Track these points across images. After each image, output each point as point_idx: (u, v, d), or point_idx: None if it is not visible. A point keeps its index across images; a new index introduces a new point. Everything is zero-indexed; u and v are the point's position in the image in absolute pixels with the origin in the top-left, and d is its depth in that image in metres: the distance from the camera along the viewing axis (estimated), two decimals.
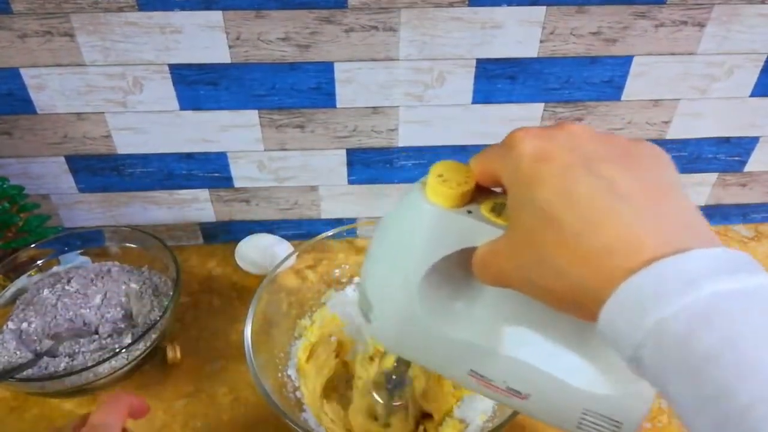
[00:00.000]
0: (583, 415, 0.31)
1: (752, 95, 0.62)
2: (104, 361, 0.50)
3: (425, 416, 0.52)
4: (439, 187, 0.28)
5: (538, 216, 0.24)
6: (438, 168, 0.29)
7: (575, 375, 0.31)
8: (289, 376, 0.52)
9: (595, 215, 0.23)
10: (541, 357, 0.31)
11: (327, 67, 0.57)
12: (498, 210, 0.28)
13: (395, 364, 0.45)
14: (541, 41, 0.56)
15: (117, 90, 0.58)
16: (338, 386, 0.55)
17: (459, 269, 0.30)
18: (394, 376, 0.47)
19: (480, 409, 0.51)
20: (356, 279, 0.61)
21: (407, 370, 0.46)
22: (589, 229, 0.22)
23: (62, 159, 0.63)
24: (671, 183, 0.24)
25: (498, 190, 0.30)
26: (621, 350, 0.22)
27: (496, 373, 0.33)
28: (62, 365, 0.52)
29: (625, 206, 0.22)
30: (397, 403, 0.49)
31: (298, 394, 0.51)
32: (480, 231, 0.28)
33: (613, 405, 0.30)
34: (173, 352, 0.57)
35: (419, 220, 0.30)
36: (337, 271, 0.60)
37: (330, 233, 0.57)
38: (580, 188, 0.23)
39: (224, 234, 0.72)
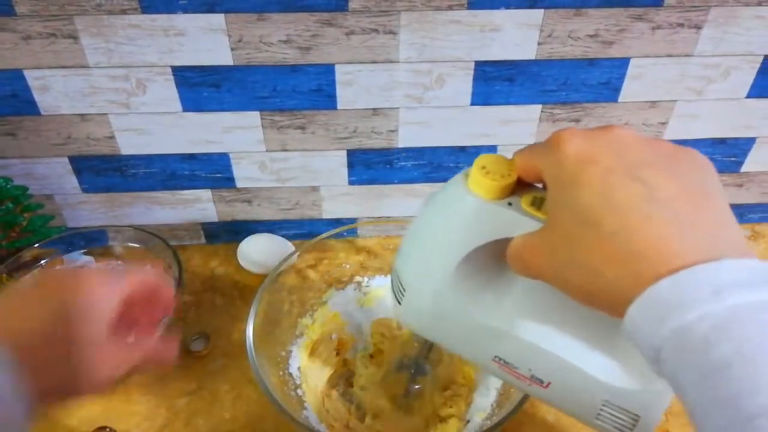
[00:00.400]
0: (602, 406, 0.32)
1: (748, 96, 0.63)
2: None
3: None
4: (482, 179, 0.29)
5: (578, 216, 0.25)
6: (482, 160, 0.30)
7: (598, 367, 0.32)
8: (290, 374, 0.53)
9: (633, 220, 0.23)
10: (565, 348, 0.32)
11: (328, 69, 0.58)
12: (537, 204, 0.29)
13: (418, 348, 0.45)
14: (538, 44, 0.57)
15: (120, 91, 0.58)
16: (339, 384, 0.55)
17: (494, 259, 0.31)
18: (416, 361, 0.47)
19: (479, 407, 0.51)
20: (357, 278, 0.62)
21: (428, 356, 0.47)
22: (626, 233, 0.23)
23: (66, 159, 0.64)
24: (711, 190, 0.25)
25: (539, 185, 0.31)
26: (643, 350, 0.23)
27: (520, 360, 0.34)
28: None
29: (662, 212, 0.23)
30: (417, 386, 0.50)
31: (299, 391, 0.52)
32: (519, 223, 0.29)
33: (633, 399, 0.31)
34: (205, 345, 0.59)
35: (460, 209, 0.31)
36: (338, 270, 0.61)
37: (331, 233, 0.58)
38: (621, 192, 0.24)
39: (226, 234, 0.72)
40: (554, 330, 0.33)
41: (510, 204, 0.29)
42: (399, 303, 0.35)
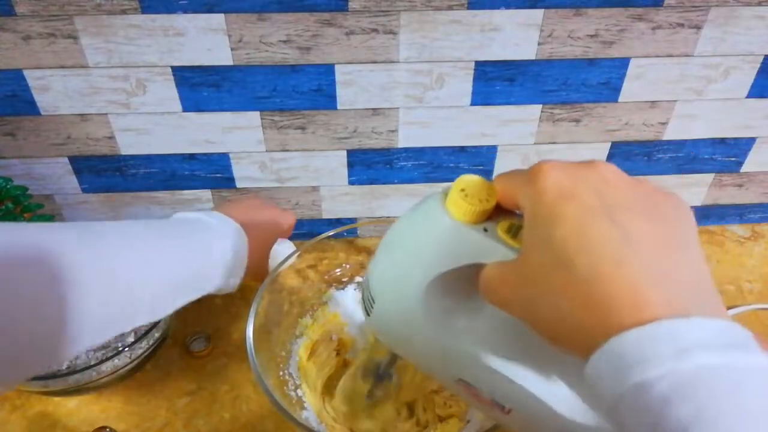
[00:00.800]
0: None
1: (748, 96, 0.63)
2: (107, 359, 0.50)
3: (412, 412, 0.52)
4: (460, 202, 0.29)
5: (550, 253, 0.24)
6: (462, 182, 0.29)
7: (559, 400, 0.32)
8: (290, 375, 0.53)
9: (605, 263, 0.22)
10: (529, 378, 0.32)
11: (328, 69, 0.58)
12: (514, 232, 0.29)
13: (386, 355, 0.45)
14: (539, 44, 0.57)
15: (120, 91, 0.58)
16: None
17: (466, 282, 0.30)
18: (382, 367, 0.47)
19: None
20: (357, 278, 0.61)
21: (394, 365, 0.47)
22: (597, 277, 0.22)
23: (66, 160, 0.64)
24: (689, 240, 0.24)
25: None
26: (602, 398, 0.22)
27: (484, 384, 0.33)
28: (65, 364, 0.53)
29: (636, 260, 0.22)
30: (378, 393, 0.50)
31: (299, 392, 0.52)
32: (493, 250, 0.28)
33: None
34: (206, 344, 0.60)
35: (435, 230, 0.30)
36: (338, 270, 0.61)
37: (331, 233, 0.58)
38: (596, 233, 0.23)
39: None
40: (519, 359, 0.32)
41: (486, 230, 0.29)
42: (368, 314, 0.35)
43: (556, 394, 0.32)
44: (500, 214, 0.29)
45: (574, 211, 0.24)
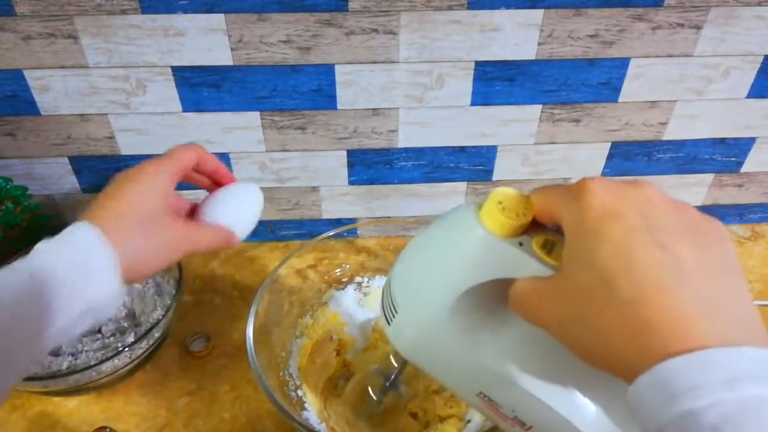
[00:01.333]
0: None
1: (748, 96, 0.63)
2: (107, 359, 0.50)
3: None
4: (497, 215, 0.28)
5: (593, 273, 0.23)
6: (498, 195, 0.29)
7: (583, 420, 0.31)
8: (290, 375, 0.53)
9: (650, 288, 0.22)
10: (553, 395, 0.31)
11: (328, 70, 0.58)
12: (549, 247, 0.28)
13: (396, 366, 0.45)
14: (539, 44, 0.57)
15: (120, 92, 0.58)
16: (339, 385, 0.55)
17: (493, 296, 0.30)
18: (392, 376, 0.47)
19: None
20: (357, 278, 0.62)
21: (402, 374, 0.46)
22: (641, 301, 0.22)
23: (66, 160, 0.64)
24: (733, 267, 0.24)
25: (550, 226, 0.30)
26: (643, 424, 0.22)
27: (506, 400, 0.33)
28: (65, 364, 0.53)
29: (682, 285, 0.22)
30: (387, 401, 0.49)
31: (299, 392, 0.52)
32: (527, 265, 0.28)
33: None
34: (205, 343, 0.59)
35: (469, 243, 0.29)
36: (338, 270, 0.61)
37: (331, 233, 0.58)
38: (641, 256, 0.23)
39: None
40: (545, 376, 0.32)
41: (521, 244, 0.28)
42: (388, 323, 0.34)
43: (580, 412, 0.31)
44: (534, 229, 0.29)
45: (619, 231, 0.23)
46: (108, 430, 0.51)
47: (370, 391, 0.48)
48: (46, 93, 0.58)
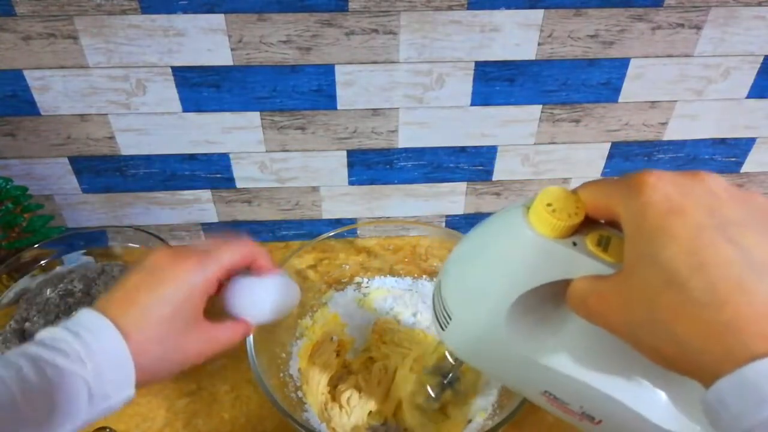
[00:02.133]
0: None
1: (748, 97, 0.63)
2: None
3: None
4: (548, 217, 0.27)
5: (661, 274, 0.22)
6: (547, 196, 0.28)
7: (653, 409, 0.31)
8: (291, 376, 0.53)
9: (726, 287, 0.21)
10: (619, 388, 0.31)
11: (328, 70, 0.58)
12: (604, 244, 0.27)
13: (452, 363, 0.44)
14: (539, 44, 0.57)
15: (120, 92, 0.58)
16: (339, 386, 0.55)
17: (550, 296, 0.30)
18: (449, 376, 0.46)
19: (480, 406, 0.51)
20: (357, 278, 0.62)
21: (458, 371, 0.46)
22: (717, 301, 0.21)
23: (66, 160, 0.64)
24: None
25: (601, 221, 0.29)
26: (725, 427, 0.21)
27: (573, 397, 0.32)
28: None
29: (760, 282, 0.21)
30: (447, 400, 0.49)
31: (299, 393, 0.52)
32: (583, 264, 0.27)
33: None
34: None
35: (521, 246, 0.29)
36: (338, 270, 0.61)
37: (331, 233, 0.58)
38: (712, 254, 0.22)
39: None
40: (610, 370, 0.31)
41: (575, 244, 0.28)
42: (442, 329, 0.34)
43: (647, 403, 0.31)
44: (586, 227, 0.28)
45: (686, 228, 0.22)
46: (108, 430, 0.51)
47: (429, 390, 0.48)
48: (46, 93, 0.58)
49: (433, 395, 0.48)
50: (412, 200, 0.70)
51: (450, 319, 0.33)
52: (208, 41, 0.55)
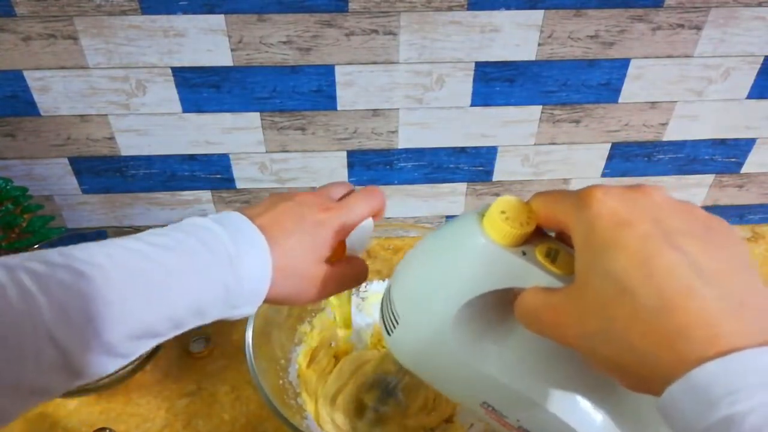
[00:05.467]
0: None
1: (749, 97, 0.63)
2: None
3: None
4: (501, 224, 0.28)
5: (612, 284, 0.23)
6: (501, 204, 0.29)
7: (589, 428, 0.31)
8: (290, 382, 0.53)
9: (674, 293, 0.22)
10: (559, 404, 0.31)
11: (328, 70, 0.58)
12: (552, 256, 0.28)
13: (395, 374, 0.44)
14: (539, 44, 0.57)
15: (120, 92, 0.58)
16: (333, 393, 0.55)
17: (496, 306, 0.30)
18: (391, 384, 0.46)
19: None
20: None
21: (400, 384, 0.46)
22: (667, 307, 0.22)
23: (65, 160, 0.63)
24: (748, 264, 0.24)
25: (550, 233, 0.30)
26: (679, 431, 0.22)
27: (510, 410, 0.33)
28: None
29: (705, 287, 0.22)
30: (383, 409, 0.49)
31: (299, 400, 0.52)
32: (531, 274, 0.28)
33: None
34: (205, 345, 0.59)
35: (472, 252, 0.29)
36: None
37: None
38: (660, 261, 0.22)
39: None
40: (551, 385, 0.32)
41: (524, 253, 0.28)
42: (389, 334, 0.34)
43: (585, 420, 0.31)
44: (535, 238, 0.29)
45: (634, 239, 0.23)
46: (108, 431, 0.51)
47: (369, 402, 0.48)
48: (46, 94, 0.58)
49: (372, 407, 0.48)
50: (412, 201, 0.70)
51: (397, 323, 0.33)
52: (208, 42, 0.55)
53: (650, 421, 0.25)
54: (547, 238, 0.29)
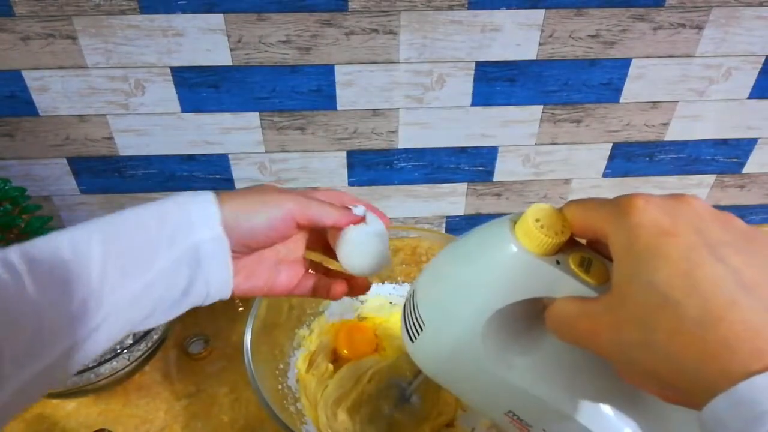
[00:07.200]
0: None
1: (750, 97, 0.63)
2: (105, 361, 0.50)
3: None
4: (535, 233, 0.27)
5: (655, 295, 0.23)
6: (535, 212, 0.28)
7: None
8: (289, 387, 0.52)
9: (719, 305, 0.22)
10: (588, 416, 0.31)
11: (328, 70, 0.58)
12: (586, 266, 0.28)
13: (411, 379, 0.43)
14: (540, 44, 0.57)
15: (119, 92, 0.58)
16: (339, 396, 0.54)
17: (526, 314, 0.30)
18: (408, 390, 0.45)
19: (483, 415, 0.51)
20: None
21: (416, 389, 0.45)
22: (711, 320, 0.21)
23: (64, 161, 0.63)
24: None
25: (582, 241, 0.29)
26: None
27: (536, 420, 0.32)
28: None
29: (750, 299, 0.22)
30: (398, 416, 0.48)
31: (299, 405, 0.52)
32: (564, 284, 0.27)
33: None
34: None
35: (504, 260, 0.29)
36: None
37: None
38: (704, 273, 0.22)
39: None
40: (579, 395, 0.31)
41: (558, 262, 0.28)
42: (412, 340, 0.33)
43: (612, 431, 0.31)
44: (568, 246, 0.28)
45: (678, 250, 0.23)
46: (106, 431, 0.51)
47: (385, 408, 0.47)
48: (44, 93, 0.58)
49: (387, 411, 0.47)
50: (412, 201, 0.70)
51: (422, 329, 0.32)
52: (207, 41, 0.55)
53: None
54: (580, 246, 0.29)
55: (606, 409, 0.31)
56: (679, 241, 0.23)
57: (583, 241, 0.30)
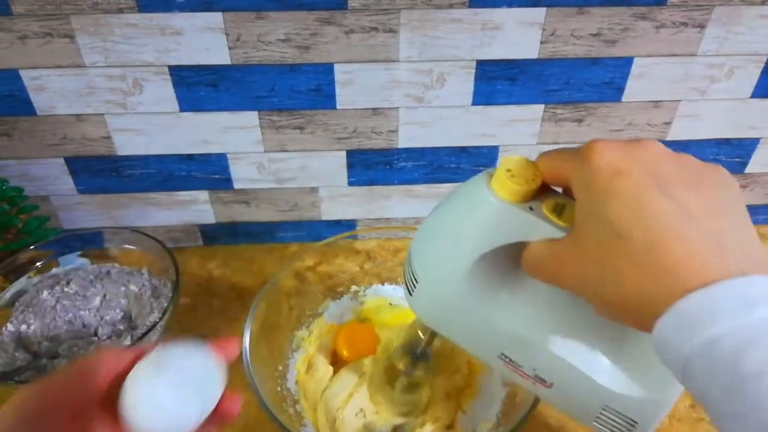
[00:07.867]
0: (602, 410, 0.33)
1: (753, 96, 0.62)
2: None
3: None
4: (507, 182, 0.30)
5: (608, 228, 0.25)
6: (507, 163, 0.30)
7: (602, 372, 0.33)
8: (288, 389, 0.52)
9: (664, 235, 0.24)
10: (571, 351, 0.33)
11: (327, 69, 0.57)
12: (558, 210, 0.30)
13: (422, 336, 0.45)
14: (541, 42, 0.56)
15: (117, 91, 0.58)
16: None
17: (508, 259, 0.32)
18: (419, 348, 0.46)
19: (484, 417, 0.50)
20: (353, 287, 0.61)
21: (431, 345, 0.46)
22: (657, 248, 0.24)
23: (62, 160, 0.63)
24: (737, 209, 0.26)
25: (558, 189, 0.31)
26: (671, 362, 0.23)
27: (526, 360, 0.34)
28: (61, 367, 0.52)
29: (693, 229, 0.24)
30: (416, 374, 0.49)
31: (297, 407, 0.51)
32: (538, 228, 0.29)
33: (633, 406, 0.32)
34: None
35: (481, 210, 0.31)
36: (336, 275, 0.60)
37: (330, 239, 0.58)
38: (653, 208, 0.24)
39: (224, 236, 0.71)
40: (562, 332, 0.33)
41: (531, 209, 0.30)
42: (410, 294, 0.36)
43: (597, 366, 0.33)
44: (542, 194, 0.30)
45: (629, 187, 0.25)
46: None
47: (402, 367, 0.48)
48: (42, 93, 0.57)
49: (405, 371, 0.49)
50: (412, 201, 0.70)
51: (417, 282, 0.35)
52: (205, 40, 0.54)
53: (657, 362, 0.26)
54: (554, 193, 0.31)
55: (585, 344, 0.33)
56: (631, 180, 0.25)
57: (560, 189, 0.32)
